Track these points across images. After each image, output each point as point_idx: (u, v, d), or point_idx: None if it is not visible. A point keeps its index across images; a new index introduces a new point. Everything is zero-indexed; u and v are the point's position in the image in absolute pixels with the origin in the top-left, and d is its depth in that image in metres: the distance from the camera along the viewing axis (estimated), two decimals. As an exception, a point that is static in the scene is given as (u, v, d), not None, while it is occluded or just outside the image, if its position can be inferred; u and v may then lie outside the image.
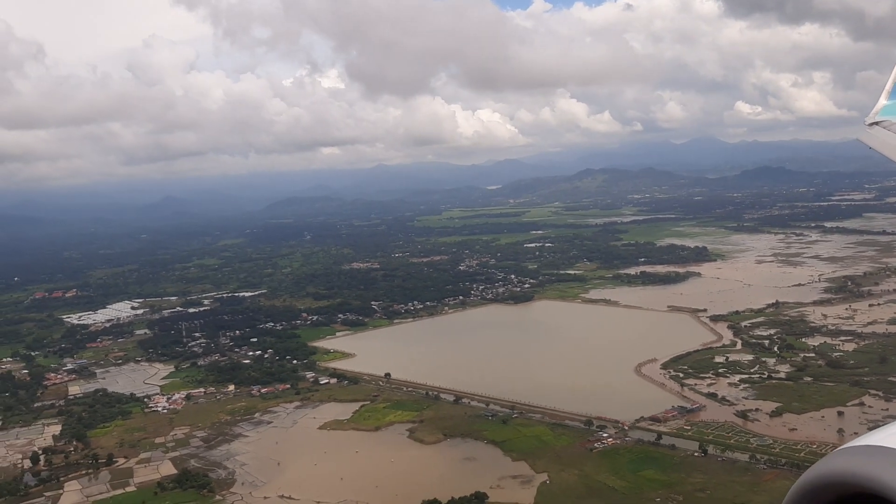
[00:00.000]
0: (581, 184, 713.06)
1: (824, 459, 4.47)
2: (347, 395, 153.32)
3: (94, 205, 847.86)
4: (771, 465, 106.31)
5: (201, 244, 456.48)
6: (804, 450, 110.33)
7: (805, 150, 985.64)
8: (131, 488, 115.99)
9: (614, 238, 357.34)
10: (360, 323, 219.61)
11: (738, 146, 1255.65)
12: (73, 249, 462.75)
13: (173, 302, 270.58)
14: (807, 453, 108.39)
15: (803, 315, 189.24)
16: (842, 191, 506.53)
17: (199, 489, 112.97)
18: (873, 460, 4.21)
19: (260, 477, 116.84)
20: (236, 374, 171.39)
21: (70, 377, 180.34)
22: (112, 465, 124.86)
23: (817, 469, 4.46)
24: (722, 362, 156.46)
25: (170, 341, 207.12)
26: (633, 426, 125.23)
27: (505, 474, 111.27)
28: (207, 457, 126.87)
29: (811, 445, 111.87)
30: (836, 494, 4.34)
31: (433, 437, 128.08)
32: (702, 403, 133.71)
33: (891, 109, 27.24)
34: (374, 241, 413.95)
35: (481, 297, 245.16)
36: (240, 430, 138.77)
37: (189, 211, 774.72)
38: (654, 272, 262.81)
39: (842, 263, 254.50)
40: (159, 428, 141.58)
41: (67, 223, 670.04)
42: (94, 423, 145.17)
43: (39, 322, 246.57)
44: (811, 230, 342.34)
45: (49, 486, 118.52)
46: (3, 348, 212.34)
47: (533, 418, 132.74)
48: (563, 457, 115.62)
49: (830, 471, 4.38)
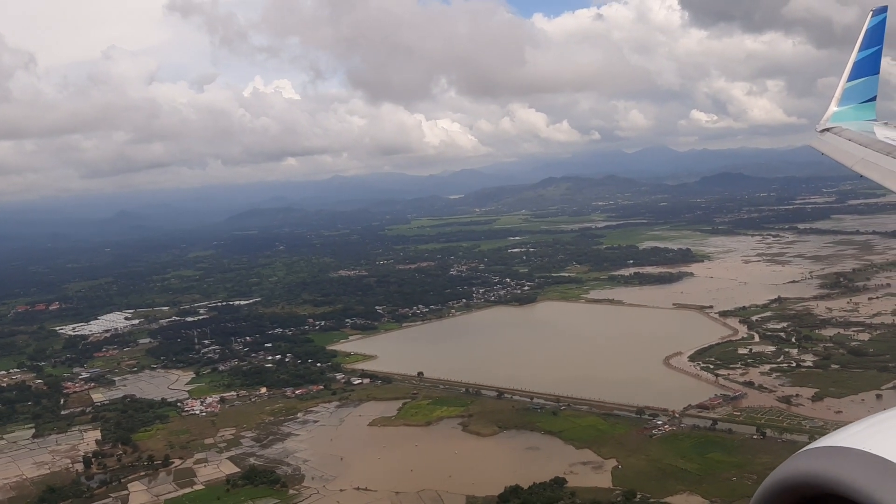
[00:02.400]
0: (545, 192, 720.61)
1: (787, 462, 4.61)
2: (386, 394, 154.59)
3: (49, 220, 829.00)
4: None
5: (171, 256, 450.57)
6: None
7: (754, 157, 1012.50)
8: (199, 486, 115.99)
9: (595, 242, 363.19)
10: (371, 327, 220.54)
11: (688, 154, 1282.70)
12: (38, 264, 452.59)
13: (166, 312, 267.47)
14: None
15: (808, 309, 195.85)
16: (802, 195, 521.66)
17: (271, 485, 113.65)
18: (835, 461, 4.31)
19: (327, 472, 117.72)
20: (265, 378, 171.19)
21: (89, 385, 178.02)
22: (169, 466, 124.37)
23: (781, 471, 4.58)
24: (746, 354, 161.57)
25: (181, 348, 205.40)
26: (683, 414, 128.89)
27: (574, 461, 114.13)
28: (265, 455, 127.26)
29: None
30: (800, 496, 4.44)
31: (488, 429, 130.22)
32: (742, 391, 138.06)
33: (840, 116, 29.92)
34: (352, 249, 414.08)
35: (484, 299, 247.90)
36: (288, 430, 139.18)
37: (146, 225, 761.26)
38: (648, 273, 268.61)
39: (827, 262, 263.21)
40: (203, 430, 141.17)
41: (24, 238, 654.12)
42: (134, 427, 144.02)
43: (32, 334, 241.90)
44: (785, 232, 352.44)
45: (111, 487, 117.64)
46: (5, 360, 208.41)
47: (581, 410, 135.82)
48: (625, 443, 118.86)
49: (794, 473, 4.48)
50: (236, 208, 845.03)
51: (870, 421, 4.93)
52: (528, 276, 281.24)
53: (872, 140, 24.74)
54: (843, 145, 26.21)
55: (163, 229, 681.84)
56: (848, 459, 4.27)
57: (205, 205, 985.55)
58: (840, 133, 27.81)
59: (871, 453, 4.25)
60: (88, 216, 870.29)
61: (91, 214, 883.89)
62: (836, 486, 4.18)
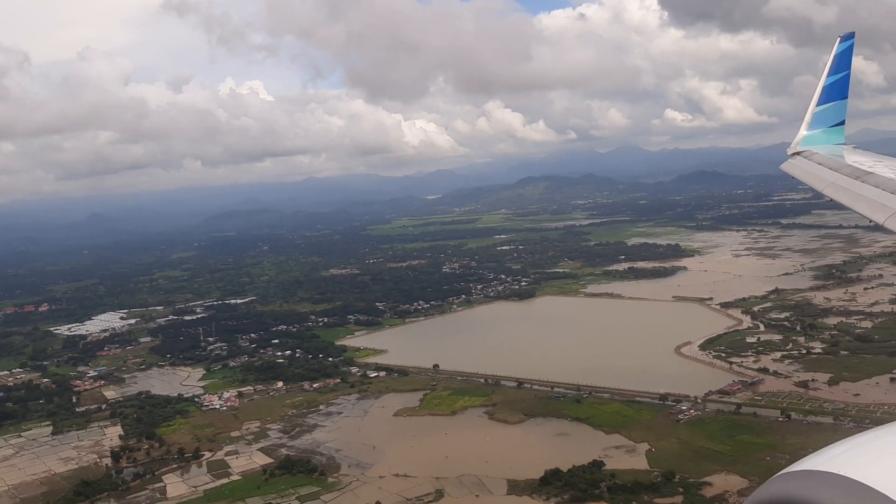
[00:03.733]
0: (524, 191, 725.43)
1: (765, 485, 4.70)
2: (404, 386, 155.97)
3: (20, 224, 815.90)
4: (857, 424, 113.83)
5: (153, 258, 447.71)
6: (877, 411, 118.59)
7: (726, 156, 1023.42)
8: (235, 477, 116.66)
9: (582, 239, 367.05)
10: (375, 323, 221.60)
11: (660, 154, 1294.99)
12: (16, 267, 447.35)
13: (161, 311, 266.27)
14: (882, 413, 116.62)
15: (807, 300, 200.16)
16: (778, 191, 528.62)
17: (308, 473, 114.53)
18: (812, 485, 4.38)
19: (362, 460, 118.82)
20: (279, 372, 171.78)
21: (99, 383, 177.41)
22: (200, 459, 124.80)
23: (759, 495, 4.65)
24: (754, 342, 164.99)
25: (186, 346, 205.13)
26: (706, 399, 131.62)
27: (606, 445, 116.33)
28: (296, 446, 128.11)
29: (882, 407, 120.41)
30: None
31: (515, 417, 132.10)
32: (759, 377, 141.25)
33: (811, 140, 30.74)
34: (338, 249, 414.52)
35: (483, 295, 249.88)
36: (314, 422, 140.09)
37: (120, 227, 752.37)
38: (641, 268, 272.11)
39: (816, 255, 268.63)
40: (227, 423, 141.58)
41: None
42: (156, 422, 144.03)
43: (27, 335, 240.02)
44: (769, 227, 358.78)
45: (146, 480, 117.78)
46: (5, 360, 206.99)
47: (603, 398, 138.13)
48: (653, 428, 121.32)
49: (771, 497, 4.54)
50: (211, 210, 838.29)
51: (846, 445, 5.09)
52: (523, 273, 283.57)
53: (842, 164, 25.53)
54: (814, 169, 27.18)
55: (137, 232, 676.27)
56: (825, 484, 4.35)
57: (177, 207, 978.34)
58: (810, 157, 28.79)
59: (848, 477, 4.33)
60: (60, 219, 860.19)
61: (62, 218, 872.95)
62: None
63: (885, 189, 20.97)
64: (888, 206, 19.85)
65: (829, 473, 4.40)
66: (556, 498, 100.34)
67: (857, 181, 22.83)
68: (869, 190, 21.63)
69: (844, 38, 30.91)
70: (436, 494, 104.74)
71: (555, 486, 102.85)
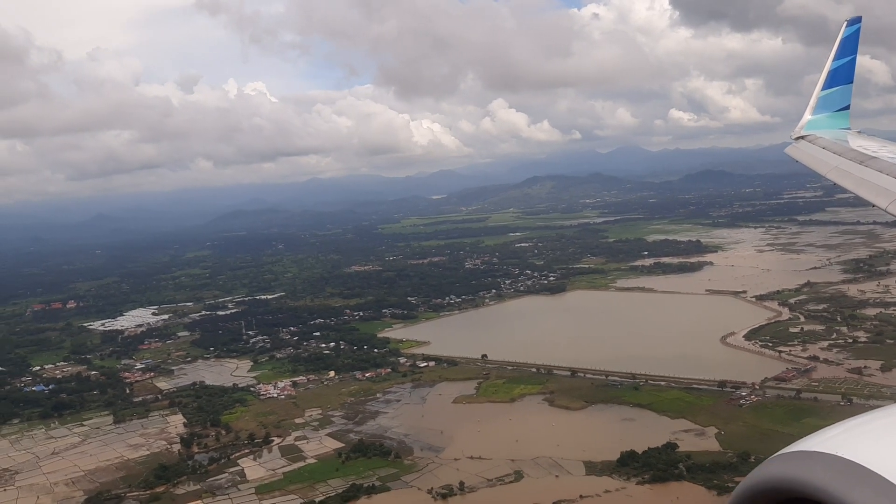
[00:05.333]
0: (530, 191, 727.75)
1: (762, 466, 4.74)
2: (456, 375, 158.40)
3: (26, 225, 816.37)
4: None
5: (168, 257, 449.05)
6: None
7: (727, 156, 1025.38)
8: (311, 460, 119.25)
9: (600, 236, 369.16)
10: (411, 316, 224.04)
11: (661, 154, 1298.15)
12: (30, 267, 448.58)
13: (192, 307, 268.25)
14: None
15: (841, 292, 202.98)
16: (788, 190, 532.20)
17: (383, 456, 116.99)
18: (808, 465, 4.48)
19: (433, 444, 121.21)
20: (328, 363, 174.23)
21: (148, 375, 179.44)
22: (270, 444, 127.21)
23: (755, 476, 4.72)
24: (798, 332, 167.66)
25: (228, 339, 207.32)
26: (763, 385, 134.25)
27: (674, 430, 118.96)
28: (363, 431, 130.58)
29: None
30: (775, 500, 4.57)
31: (576, 404, 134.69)
32: (811, 365, 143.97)
33: (815, 124, 30.62)
34: (354, 247, 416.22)
35: (513, 289, 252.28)
36: (374, 409, 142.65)
37: (126, 228, 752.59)
38: (667, 263, 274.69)
39: (839, 250, 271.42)
40: (288, 411, 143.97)
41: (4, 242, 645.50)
42: (216, 410, 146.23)
43: (62, 331, 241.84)
44: (786, 224, 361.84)
45: (222, 464, 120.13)
46: (46, 354, 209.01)
47: (660, 385, 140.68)
48: (717, 413, 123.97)
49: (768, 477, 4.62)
50: (215, 211, 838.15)
51: (842, 426, 5.14)
52: (547, 268, 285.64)
53: (846, 149, 25.23)
54: (818, 153, 26.90)
55: (144, 231, 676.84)
56: (821, 464, 4.43)
57: (181, 208, 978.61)
58: (814, 141, 28.56)
59: (843, 458, 4.40)
60: (65, 220, 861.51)
61: (68, 218, 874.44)
62: (809, 490, 4.32)
63: (890, 174, 20.75)
64: (892, 190, 19.70)
65: (825, 454, 4.51)
66: (637, 478, 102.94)
67: (860, 165, 22.56)
68: (873, 174, 21.39)
69: (851, 22, 30.90)
70: (515, 475, 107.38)
71: (632, 467, 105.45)
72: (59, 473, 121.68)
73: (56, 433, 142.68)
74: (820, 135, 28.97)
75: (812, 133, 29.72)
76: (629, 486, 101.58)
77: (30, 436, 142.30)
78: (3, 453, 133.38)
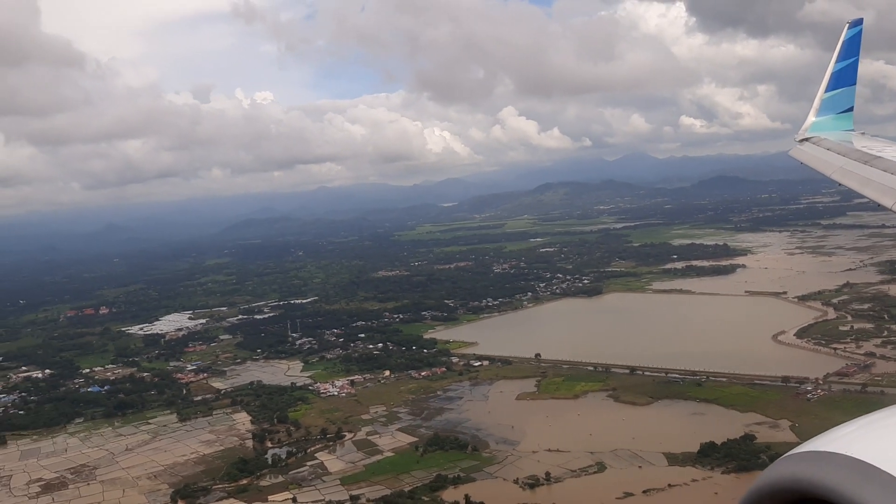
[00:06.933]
0: (543, 198, 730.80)
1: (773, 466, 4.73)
2: (513, 374, 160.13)
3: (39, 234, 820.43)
4: None
5: (187, 264, 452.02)
6: None
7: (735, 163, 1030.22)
8: (388, 453, 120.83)
9: (624, 241, 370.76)
10: (452, 318, 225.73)
11: (669, 161, 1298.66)
12: (51, 275, 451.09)
13: (226, 312, 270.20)
14: None
15: (883, 292, 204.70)
16: (804, 195, 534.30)
17: (460, 449, 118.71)
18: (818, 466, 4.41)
19: (507, 437, 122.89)
20: (381, 363, 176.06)
21: (202, 376, 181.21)
22: (342, 439, 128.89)
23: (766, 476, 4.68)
24: (848, 330, 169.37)
25: (273, 341, 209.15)
26: (826, 381, 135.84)
27: (746, 423, 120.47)
28: (433, 426, 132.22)
29: None
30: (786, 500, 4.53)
31: (641, 399, 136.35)
32: (869, 361, 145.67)
33: (819, 126, 30.72)
34: (375, 253, 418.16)
35: (549, 292, 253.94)
36: (438, 405, 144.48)
37: (138, 237, 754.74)
38: (699, 266, 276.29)
39: (870, 252, 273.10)
40: (352, 408, 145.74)
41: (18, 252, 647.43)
42: (280, 408, 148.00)
43: (100, 335, 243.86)
44: (809, 228, 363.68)
45: (299, 458, 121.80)
46: (92, 357, 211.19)
47: (721, 382, 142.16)
48: (786, 407, 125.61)
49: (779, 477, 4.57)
50: (226, 220, 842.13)
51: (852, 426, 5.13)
52: (578, 272, 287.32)
53: (850, 149, 25.30)
54: (822, 154, 26.92)
55: (157, 240, 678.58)
56: (831, 464, 4.38)
57: (192, 217, 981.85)
58: (819, 143, 28.58)
59: (853, 457, 4.36)
60: (77, 230, 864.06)
61: (80, 228, 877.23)
62: (820, 490, 4.28)
63: (894, 173, 20.88)
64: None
65: (835, 454, 4.45)
66: (721, 468, 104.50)
67: (865, 165, 22.62)
68: (877, 174, 21.46)
69: (853, 25, 31.03)
70: (598, 466, 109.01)
71: (714, 458, 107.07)
72: (138, 468, 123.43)
73: (124, 431, 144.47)
74: (824, 136, 29.19)
75: (816, 135, 29.89)
76: (714, 475, 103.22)
77: (98, 434, 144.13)
78: (76, 450, 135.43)
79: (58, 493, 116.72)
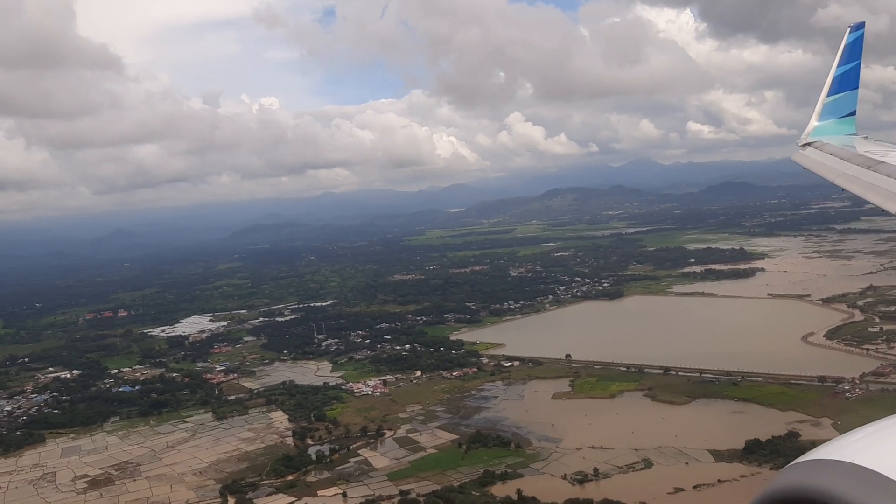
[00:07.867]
0: (551, 203, 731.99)
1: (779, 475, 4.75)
2: (545, 374, 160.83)
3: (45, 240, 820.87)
4: None
5: (199, 269, 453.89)
6: None
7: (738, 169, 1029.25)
8: (431, 450, 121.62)
9: (638, 245, 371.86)
10: (475, 320, 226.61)
11: (674, 167, 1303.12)
12: (63, 279, 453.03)
13: (246, 314, 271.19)
14: None
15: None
16: (814, 200, 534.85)
17: (503, 446, 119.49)
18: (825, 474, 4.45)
19: (548, 435, 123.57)
20: (411, 363, 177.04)
21: (232, 376, 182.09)
22: (382, 436, 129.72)
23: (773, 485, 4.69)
24: (877, 332, 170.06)
25: (299, 342, 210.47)
26: (863, 380, 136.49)
27: (787, 421, 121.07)
28: (472, 424, 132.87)
29: None
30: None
31: (678, 399, 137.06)
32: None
33: (821, 130, 30.78)
34: (388, 257, 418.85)
35: (570, 295, 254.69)
36: (474, 404, 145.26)
37: (145, 242, 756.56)
38: (718, 269, 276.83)
39: (889, 255, 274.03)
40: (387, 407, 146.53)
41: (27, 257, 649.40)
42: (316, 406, 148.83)
43: (122, 337, 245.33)
44: (824, 232, 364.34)
45: (343, 454, 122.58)
46: (118, 359, 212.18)
47: (756, 381, 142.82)
48: (825, 405, 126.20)
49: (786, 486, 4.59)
50: (233, 226, 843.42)
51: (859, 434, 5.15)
52: (596, 276, 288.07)
53: (853, 154, 25.27)
54: (825, 159, 26.85)
55: (164, 246, 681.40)
56: (838, 472, 4.41)
57: (198, 223, 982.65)
58: (821, 147, 28.46)
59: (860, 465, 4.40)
60: (85, 235, 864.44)
61: (87, 233, 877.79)
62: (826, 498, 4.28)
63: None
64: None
65: (842, 462, 4.49)
66: (769, 464, 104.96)
67: (868, 170, 22.47)
68: (881, 179, 21.37)
69: (854, 29, 30.98)
70: (644, 463, 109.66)
71: (760, 455, 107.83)
72: (181, 465, 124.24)
73: (161, 429, 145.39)
74: (826, 141, 29.19)
75: (818, 139, 29.87)
76: (763, 471, 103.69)
77: (136, 432, 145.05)
78: (116, 447, 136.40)
79: (104, 488, 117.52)
